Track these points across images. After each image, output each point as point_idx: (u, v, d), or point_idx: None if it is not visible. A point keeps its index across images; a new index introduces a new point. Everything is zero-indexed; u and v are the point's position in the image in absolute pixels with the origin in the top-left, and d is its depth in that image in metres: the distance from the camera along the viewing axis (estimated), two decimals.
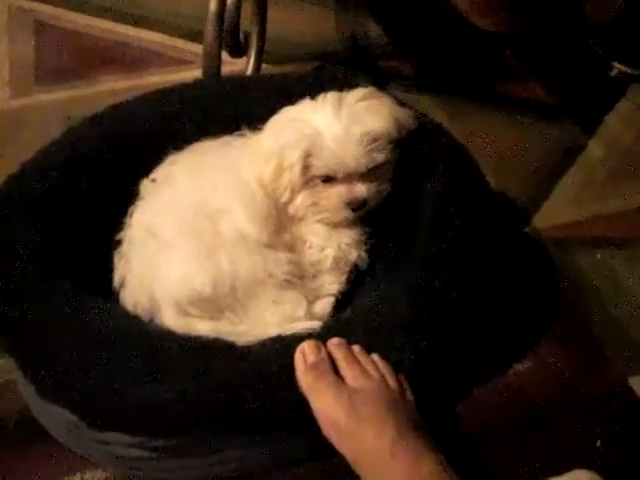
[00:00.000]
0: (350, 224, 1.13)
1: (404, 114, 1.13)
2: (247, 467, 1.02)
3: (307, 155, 1.05)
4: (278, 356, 0.96)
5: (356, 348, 0.97)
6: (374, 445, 0.87)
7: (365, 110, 1.08)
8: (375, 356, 0.97)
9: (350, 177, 1.07)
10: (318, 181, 1.08)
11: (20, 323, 0.99)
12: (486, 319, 1.13)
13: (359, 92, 1.10)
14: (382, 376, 0.94)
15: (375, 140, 1.06)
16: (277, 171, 1.06)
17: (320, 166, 1.06)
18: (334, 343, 0.97)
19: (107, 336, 0.97)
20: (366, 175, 1.08)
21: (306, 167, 1.06)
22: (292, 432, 0.99)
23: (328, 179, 1.07)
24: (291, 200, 1.09)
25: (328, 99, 1.08)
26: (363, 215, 1.12)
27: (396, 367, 0.97)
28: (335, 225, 1.12)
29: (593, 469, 0.94)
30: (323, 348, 0.95)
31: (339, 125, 1.05)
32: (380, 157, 1.07)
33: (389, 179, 1.12)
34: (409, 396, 0.95)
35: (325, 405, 0.90)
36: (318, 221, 1.11)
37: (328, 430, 0.90)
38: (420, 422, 0.92)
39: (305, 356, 0.94)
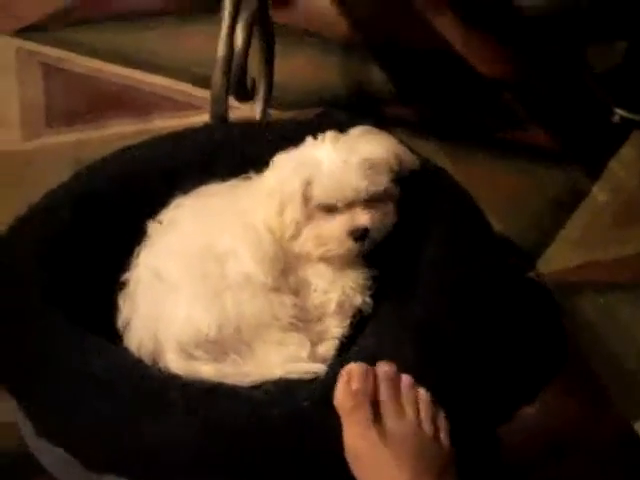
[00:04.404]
0: (355, 265, 1.13)
1: (404, 151, 1.14)
2: None
3: (307, 183, 1.06)
4: (280, 402, 0.95)
5: (405, 380, 0.96)
6: None
7: (364, 141, 1.10)
8: (422, 392, 0.96)
9: (351, 207, 1.08)
10: (320, 214, 1.08)
11: (21, 361, 1.00)
12: (492, 363, 1.12)
13: (358, 128, 1.13)
14: (417, 417, 0.93)
15: (374, 167, 1.07)
16: (280, 206, 1.07)
17: (320, 195, 1.06)
18: (383, 369, 0.96)
19: (107, 378, 0.96)
20: (367, 204, 1.08)
21: (307, 199, 1.06)
22: (296, 478, 0.97)
23: (330, 210, 1.08)
24: (296, 236, 1.09)
25: (327, 135, 1.10)
26: (367, 250, 1.11)
27: None
28: (340, 262, 1.11)
29: None
30: (370, 376, 0.94)
31: (337, 154, 1.07)
32: (380, 184, 1.08)
33: (392, 212, 1.12)
34: (444, 439, 0.93)
35: (352, 435, 0.90)
36: (322, 256, 1.10)
37: (349, 457, 0.90)
38: (447, 467, 0.90)
39: (350, 379, 0.93)
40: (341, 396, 0.93)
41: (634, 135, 1.82)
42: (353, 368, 0.95)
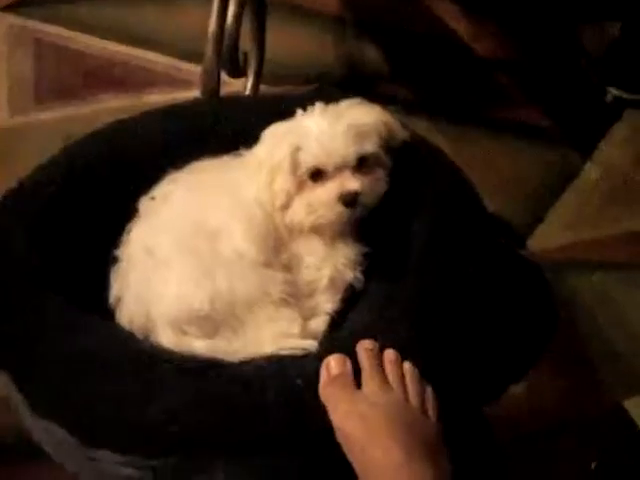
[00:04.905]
0: (347, 241, 1.13)
1: (394, 121, 1.14)
2: None
3: (296, 149, 1.06)
4: (272, 378, 0.95)
5: (389, 355, 0.96)
6: (380, 462, 0.86)
7: (352, 109, 1.10)
8: (407, 366, 0.96)
9: (341, 172, 1.07)
10: (310, 182, 1.08)
11: (14, 338, 0.99)
12: (482, 341, 1.13)
13: (347, 100, 1.13)
14: (404, 391, 0.93)
15: (361, 132, 1.07)
16: (270, 175, 1.07)
17: (308, 160, 1.06)
18: (364, 346, 0.96)
19: (101, 354, 0.97)
20: (357, 171, 1.08)
21: (296, 165, 1.06)
22: (285, 456, 0.97)
23: (320, 178, 1.07)
24: (287, 206, 1.09)
25: (317, 106, 1.11)
26: (358, 216, 1.11)
27: None
28: (331, 232, 1.11)
29: None
30: (348, 362, 0.94)
31: (326, 120, 1.07)
32: (368, 147, 1.08)
33: (383, 178, 1.11)
34: (432, 415, 0.93)
35: (339, 416, 0.90)
36: (313, 224, 1.09)
37: (340, 440, 0.89)
38: (438, 443, 0.90)
39: (329, 369, 0.94)
40: (323, 385, 0.93)
41: (627, 114, 1.81)
42: (330, 358, 0.95)
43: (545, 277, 1.41)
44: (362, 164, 1.08)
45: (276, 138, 1.09)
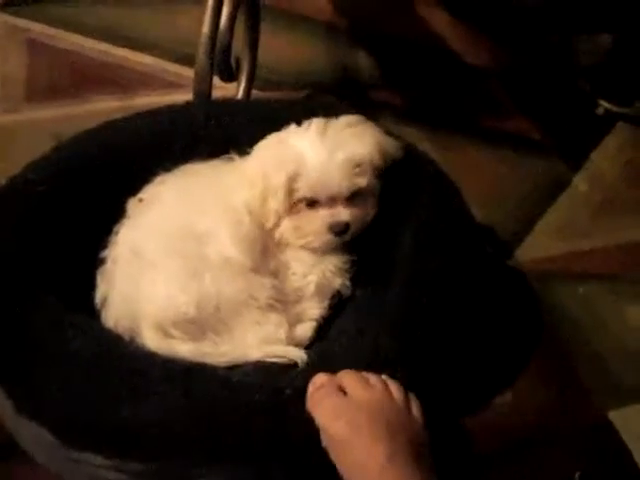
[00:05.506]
0: (334, 250, 1.13)
1: (390, 143, 1.14)
2: None
3: (291, 179, 1.06)
4: (261, 385, 0.95)
5: (366, 373, 0.96)
6: (365, 461, 0.86)
7: (350, 136, 1.09)
8: (384, 376, 0.96)
9: (333, 201, 1.08)
10: (302, 206, 1.09)
11: (1, 338, 0.99)
12: (467, 352, 1.13)
13: (345, 119, 1.12)
14: (387, 390, 0.93)
15: (358, 165, 1.08)
16: (262, 195, 1.07)
17: (304, 189, 1.07)
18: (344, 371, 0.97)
19: (88, 355, 0.97)
20: (349, 200, 1.09)
21: (290, 191, 1.07)
22: (270, 464, 0.96)
23: (312, 203, 1.08)
24: (277, 225, 1.10)
25: (313, 124, 1.10)
26: (346, 241, 1.12)
27: None
28: (319, 250, 1.12)
29: None
30: (335, 377, 0.95)
31: (323, 149, 1.07)
32: (362, 182, 1.08)
33: (373, 206, 1.13)
34: (416, 413, 0.93)
35: (324, 417, 0.90)
36: (302, 246, 1.11)
37: (326, 442, 0.89)
38: (422, 442, 0.90)
39: (315, 383, 0.94)
40: (311, 394, 0.93)
41: (618, 127, 1.82)
42: (317, 375, 0.96)
43: (532, 287, 1.41)
44: (354, 195, 1.09)
45: (270, 156, 1.09)
